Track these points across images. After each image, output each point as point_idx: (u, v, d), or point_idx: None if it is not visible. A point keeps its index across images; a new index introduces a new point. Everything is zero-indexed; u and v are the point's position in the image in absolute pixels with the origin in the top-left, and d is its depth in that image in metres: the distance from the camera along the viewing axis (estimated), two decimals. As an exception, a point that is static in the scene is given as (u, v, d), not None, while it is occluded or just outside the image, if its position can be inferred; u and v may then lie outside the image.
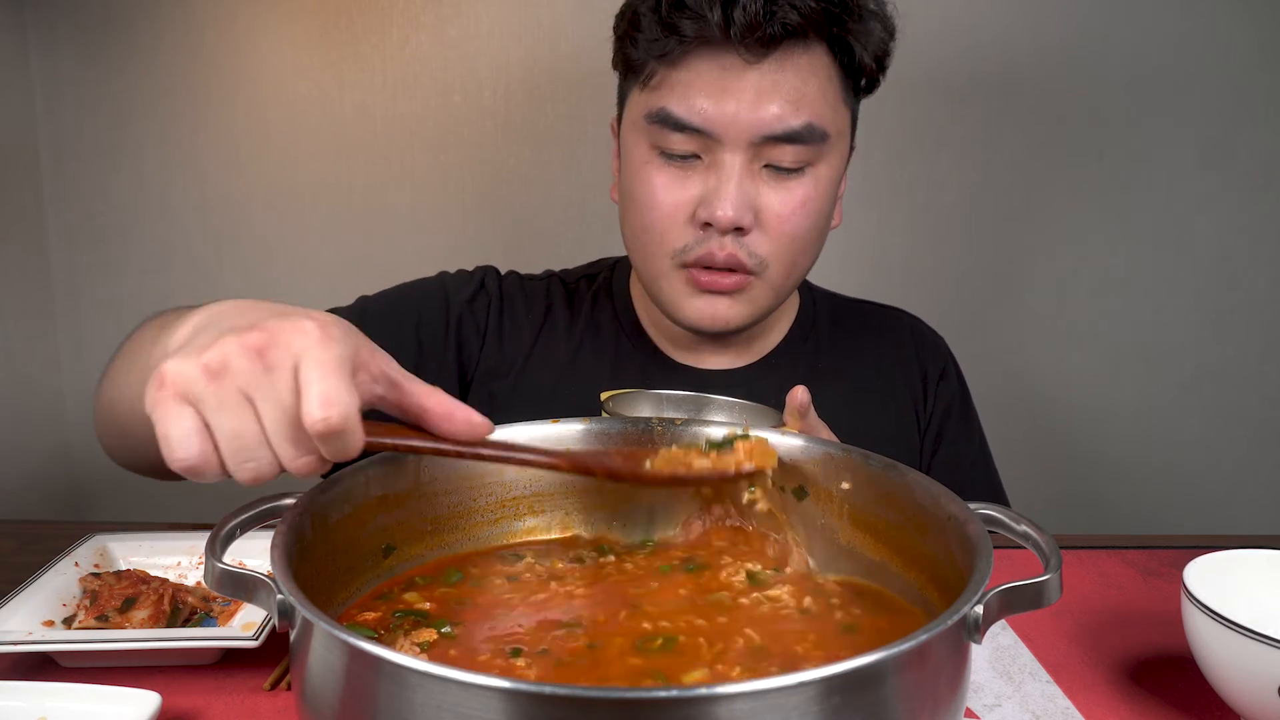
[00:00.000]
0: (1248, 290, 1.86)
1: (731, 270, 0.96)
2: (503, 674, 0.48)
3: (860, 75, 0.96)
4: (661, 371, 1.08)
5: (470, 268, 1.15)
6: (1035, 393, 1.89)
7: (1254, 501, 1.94)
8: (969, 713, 0.67)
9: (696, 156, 0.94)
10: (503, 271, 1.16)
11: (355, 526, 0.63)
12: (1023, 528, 0.56)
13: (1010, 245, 1.83)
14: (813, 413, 0.82)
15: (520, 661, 0.55)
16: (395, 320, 1.07)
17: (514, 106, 1.74)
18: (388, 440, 0.59)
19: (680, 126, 0.92)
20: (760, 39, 0.89)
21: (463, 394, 1.08)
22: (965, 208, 1.81)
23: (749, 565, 0.68)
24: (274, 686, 0.69)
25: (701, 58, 0.91)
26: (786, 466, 0.69)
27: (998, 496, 1.15)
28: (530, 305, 1.13)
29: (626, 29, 0.95)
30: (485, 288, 1.12)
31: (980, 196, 1.81)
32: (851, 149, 1.02)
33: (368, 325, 1.07)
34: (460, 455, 0.61)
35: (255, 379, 0.55)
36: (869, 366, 1.13)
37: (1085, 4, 1.72)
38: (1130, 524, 1.92)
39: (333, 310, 1.07)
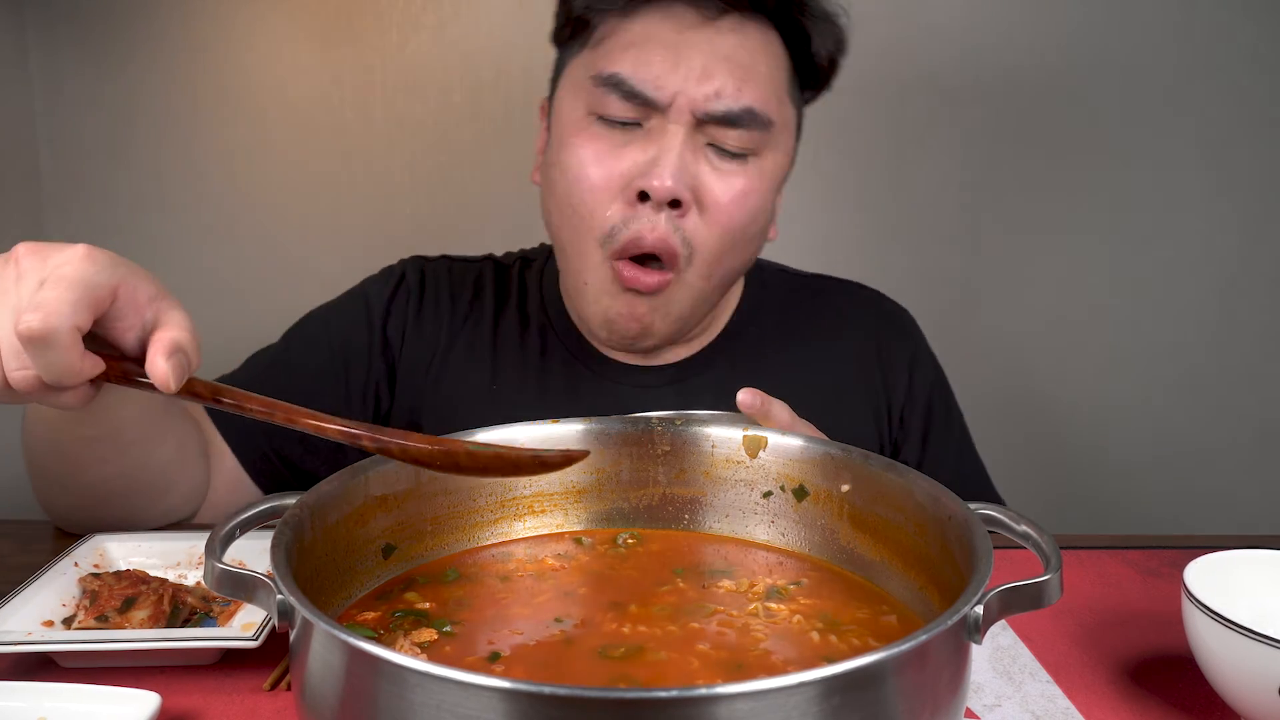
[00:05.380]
0: (1247, 290, 1.85)
1: (659, 263, 0.91)
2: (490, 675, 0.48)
3: (813, 71, 0.96)
4: (587, 365, 1.03)
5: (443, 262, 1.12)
6: (1035, 393, 1.89)
7: (1254, 501, 1.94)
8: (969, 713, 0.67)
9: (636, 124, 0.90)
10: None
11: (355, 526, 0.63)
12: (1023, 528, 0.56)
13: (1008, 245, 1.83)
14: (776, 408, 0.78)
15: (500, 667, 0.55)
16: (318, 352, 1.03)
17: (514, 107, 1.74)
18: (116, 376, 0.60)
19: (629, 94, 0.88)
20: None
21: (392, 395, 1.04)
22: (963, 208, 1.81)
23: (760, 580, 0.68)
24: (274, 686, 0.68)
25: (653, 11, 0.90)
26: (786, 466, 0.70)
27: (985, 484, 1.10)
28: (456, 290, 1.07)
29: None
30: (405, 280, 1.07)
31: (978, 196, 1.81)
32: (791, 162, 0.99)
33: (293, 364, 1.02)
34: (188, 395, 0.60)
35: (2, 286, 0.57)
36: (824, 351, 1.06)
37: (1083, 3, 1.72)
38: (1130, 524, 1.92)
39: (262, 350, 1.04)
